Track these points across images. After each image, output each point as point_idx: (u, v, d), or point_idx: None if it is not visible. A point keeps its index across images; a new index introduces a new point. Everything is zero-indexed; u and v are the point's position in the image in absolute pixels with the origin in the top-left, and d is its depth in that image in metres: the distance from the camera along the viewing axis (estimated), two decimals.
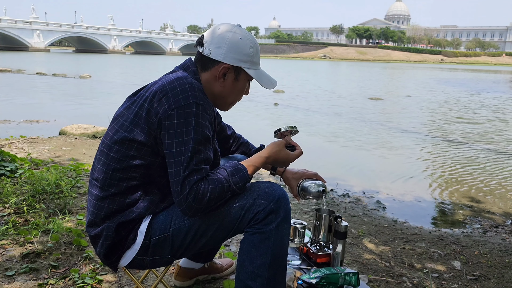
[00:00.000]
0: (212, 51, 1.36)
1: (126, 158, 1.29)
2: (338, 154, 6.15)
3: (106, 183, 1.30)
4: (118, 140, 1.29)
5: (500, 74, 43.08)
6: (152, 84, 1.34)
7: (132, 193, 1.31)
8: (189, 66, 1.41)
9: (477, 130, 8.26)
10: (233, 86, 1.42)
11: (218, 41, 1.36)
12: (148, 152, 1.29)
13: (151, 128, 1.26)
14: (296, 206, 3.34)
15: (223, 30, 1.38)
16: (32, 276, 1.90)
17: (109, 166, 1.30)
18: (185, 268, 1.87)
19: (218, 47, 1.36)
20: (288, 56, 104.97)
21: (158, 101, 1.25)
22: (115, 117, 1.36)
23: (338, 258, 1.75)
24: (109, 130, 1.35)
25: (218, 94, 1.42)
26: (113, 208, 1.30)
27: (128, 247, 1.33)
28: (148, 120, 1.26)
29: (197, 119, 1.25)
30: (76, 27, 79.87)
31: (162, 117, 1.24)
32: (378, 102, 13.04)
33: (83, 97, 12.00)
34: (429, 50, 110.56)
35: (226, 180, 1.27)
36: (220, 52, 1.35)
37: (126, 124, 1.29)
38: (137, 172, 1.30)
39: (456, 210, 3.71)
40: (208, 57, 1.37)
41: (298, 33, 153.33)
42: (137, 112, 1.28)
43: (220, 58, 1.36)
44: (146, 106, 1.27)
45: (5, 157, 3.59)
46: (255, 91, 15.47)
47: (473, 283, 2.16)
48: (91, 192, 1.35)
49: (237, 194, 1.33)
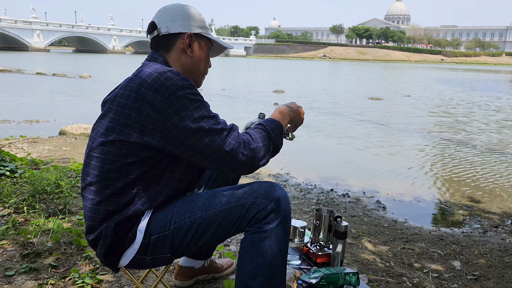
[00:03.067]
0: (169, 26, 1.39)
1: (118, 158, 1.27)
2: (338, 154, 6.15)
3: (101, 185, 1.29)
4: (107, 142, 1.27)
5: (500, 74, 43.09)
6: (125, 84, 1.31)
7: (127, 191, 1.29)
8: (152, 56, 1.42)
9: (477, 130, 8.26)
10: (200, 54, 1.44)
11: (170, 17, 1.40)
12: (140, 148, 1.27)
13: (145, 125, 1.23)
14: (296, 206, 3.34)
15: (170, 7, 1.43)
16: (32, 276, 1.90)
17: (102, 168, 1.28)
18: (185, 267, 1.87)
19: (174, 20, 1.39)
20: (288, 56, 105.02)
21: (148, 96, 1.23)
22: (98, 121, 1.34)
23: (338, 258, 1.75)
24: (94, 134, 1.33)
25: (189, 67, 1.43)
26: (110, 209, 1.29)
27: (128, 247, 1.32)
28: (139, 118, 1.23)
29: (195, 96, 1.27)
30: (76, 27, 79.83)
31: (162, 109, 1.22)
32: (378, 102, 13.04)
33: (83, 97, 12.00)
34: (429, 50, 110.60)
35: (263, 129, 1.36)
36: (177, 24, 1.39)
37: (111, 126, 1.27)
38: (131, 170, 1.28)
39: (456, 210, 3.71)
40: (168, 34, 1.39)
41: (298, 33, 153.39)
42: (122, 112, 1.26)
43: (180, 30, 1.39)
44: (133, 105, 1.24)
45: (5, 157, 3.59)
46: (255, 90, 15.47)
47: (473, 283, 2.16)
48: (86, 198, 1.33)
49: (275, 147, 1.38)
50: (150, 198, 1.31)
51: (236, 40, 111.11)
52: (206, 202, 1.33)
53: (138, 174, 1.29)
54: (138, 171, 1.29)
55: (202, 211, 1.32)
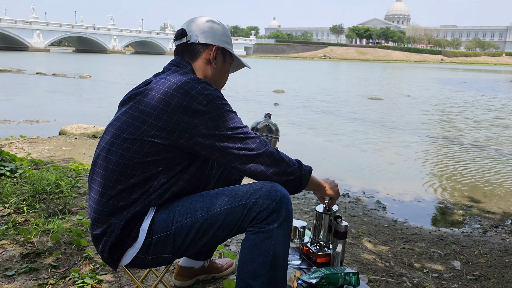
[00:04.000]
0: (200, 36, 1.44)
1: (138, 155, 1.29)
2: (338, 154, 6.15)
3: (113, 180, 1.30)
4: (129, 139, 1.29)
5: (500, 74, 43.09)
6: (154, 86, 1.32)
7: (139, 188, 1.30)
8: (180, 62, 1.45)
9: (478, 130, 8.26)
10: (222, 68, 1.51)
11: (202, 28, 1.46)
12: (163, 149, 1.29)
13: (174, 127, 1.27)
14: (296, 206, 3.34)
15: (202, 19, 1.49)
16: (32, 276, 1.90)
17: (118, 163, 1.29)
18: (185, 267, 1.87)
19: (204, 31, 1.45)
20: (288, 56, 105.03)
21: (184, 102, 1.28)
22: (119, 117, 1.35)
23: (338, 258, 1.75)
24: (115, 129, 1.33)
25: (211, 78, 1.48)
26: (118, 204, 1.30)
27: (130, 246, 1.33)
28: (170, 121, 1.27)
29: (230, 108, 1.35)
30: (76, 27, 79.81)
31: (198, 113, 1.28)
32: (378, 102, 13.04)
33: (83, 97, 12.01)
34: (429, 50, 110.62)
35: (295, 161, 1.44)
36: (207, 36, 1.45)
37: (137, 124, 1.29)
38: (147, 168, 1.30)
39: (456, 210, 3.71)
40: (197, 43, 1.44)
41: (298, 33, 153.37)
42: (151, 113, 1.28)
43: (210, 41, 1.45)
44: (165, 109, 1.27)
45: (5, 157, 3.59)
46: (255, 90, 15.46)
47: (473, 283, 2.16)
48: (94, 189, 1.34)
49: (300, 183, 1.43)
50: (157, 196, 1.33)
51: (236, 40, 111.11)
52: (208, 202, 1.33)
53: (153, 173, 1.31)
54: (154, 171, 1.31)
55: (203, 211, 1.32)
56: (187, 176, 1.36)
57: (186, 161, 1.34)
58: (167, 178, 1.33)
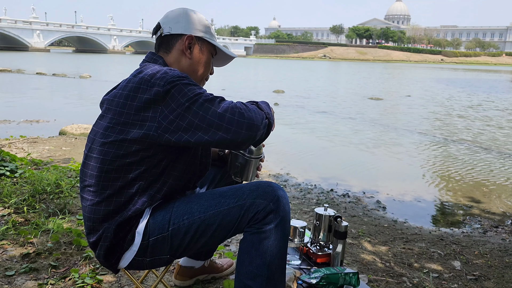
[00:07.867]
0: (172, 27, 1.42)
1: (117, 158, 1.27)
2: (338, 154, 6.15)
3: (100, 186, 1.29)
4: (106, 142, 1.28)
5: (500, 74, 43.09)
6: (124, 84, 1.31)
7: (127, 190, 1.30)
8: (152, 57, 1.42)
9: (478, 130, 8.26)
10: (199, 58, 1.46)
11: (175, 19, 1.43)
12: (139, 148, 1.27)
13: (144, 119, 1.23)
14: (296, 206, 3.34)
15: (176, 10, 1.47)
16: (32, 276, 1.90)
17: (101, 169, 1.28)
18: (185, 267, 1.87)
19: (177, 22, 1.43)
20: (288, 56, 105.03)
21: (146, 91, 1.23)
22: (97, 122, 1.34)
23: (338, 258, 1.75)
24: (93, 135, 1.33)
25: (187, 69, 1.44)
26: (110, 209, 1.29)
27: (127, 249, 1.32)
28: (139, 114, 1.24)
29: (190, 81, 1.26)
30: (76, 27, 79.83)
31: (159, 98, 1.22)
32: (378, 102, 13.04)
33: (83, 97, 12.00)
34: (429, 50, 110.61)
35: (251, 102, 1.37)
36: (180, 26, 1.42)
37: (111, 126, 1.27)
38: (130, 169, 1.29)
39: (456, 210, 3.71)
40: (170, 34, 1.42)
41: (298, 33, 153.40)
42: (122, 112, 1.26)
43: (182, 31, 1.42)
44: (132, 104, 1.24)
45: (5, 157, 3.59)
46: (255, 90, 15.44)
47: (473, 283, 2.16)
48: (85, 198, 1.33)
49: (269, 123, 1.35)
50: (149, 197, 1.31)
51: (236, 40, 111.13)
52: (205, 203, 1.33)
53: (137, 174, 1.29)
54: (137, 171, 1.29)
55: (200, 212, 1.31)
56: (177, 174, 1.35)
57: (170, 156, 1.30)
58: (153, 177, 1.31)
